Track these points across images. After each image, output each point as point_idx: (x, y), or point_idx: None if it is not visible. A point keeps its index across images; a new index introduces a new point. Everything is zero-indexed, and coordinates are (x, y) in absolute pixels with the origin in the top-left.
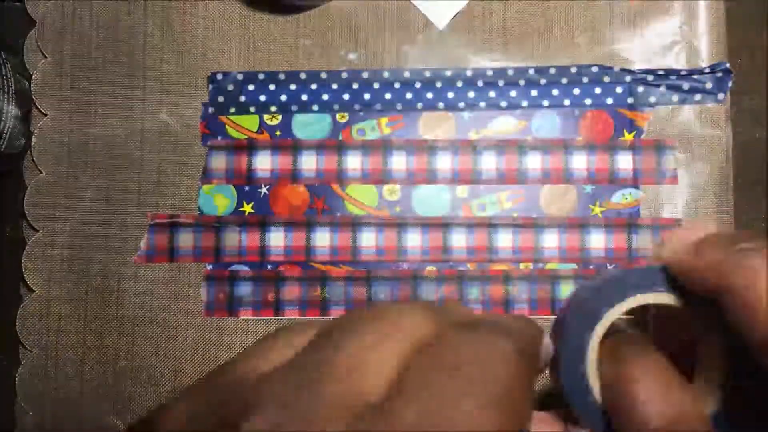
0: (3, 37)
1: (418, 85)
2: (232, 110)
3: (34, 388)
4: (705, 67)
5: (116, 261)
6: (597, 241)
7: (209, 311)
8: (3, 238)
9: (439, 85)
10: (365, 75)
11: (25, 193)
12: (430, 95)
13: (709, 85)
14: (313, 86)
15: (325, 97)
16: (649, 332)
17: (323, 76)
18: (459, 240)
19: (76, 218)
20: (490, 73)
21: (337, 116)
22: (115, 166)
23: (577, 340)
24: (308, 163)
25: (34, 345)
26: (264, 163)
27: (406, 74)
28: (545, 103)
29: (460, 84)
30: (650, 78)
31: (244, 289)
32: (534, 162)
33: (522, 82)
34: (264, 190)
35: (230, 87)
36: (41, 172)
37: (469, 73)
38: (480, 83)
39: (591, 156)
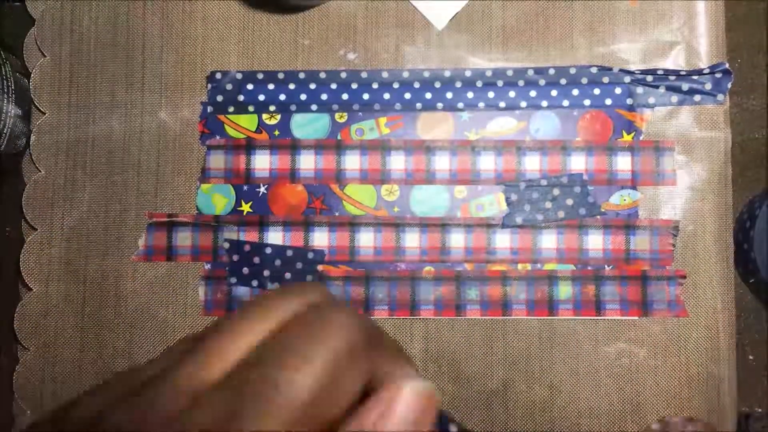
0: (3, 36)
1: (417, 85)
2: (231, 109)
3: (32, 387)
4: (704, 68)
5: (114, 260)
6: (595, 242)
7: (207, 310)
8: (3, 237)
9: (438, 85)
10: (364, 75)
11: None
12: (428, 95)
13: (708, 86)
14: (312, 86)
15: (324, 96)
16: None
17: (322, 75)
18: (457, 240)
19: (75, 217)
20: (489, 73)
21: (336, 116)
22: (113, 164)
23: None
24: (307, 162)
25: (31, 344)
26: (262, 162)
27: (405, 74)
28: (544, 103)
29: (459, 84)
30: (649, 79)
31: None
32: (532, 163)
33: (521, 83)
34: (262, 189)
35: (229, 86)
36: (40, 171)
37: (468, 74)
38: (479, 84)
39: (589, 157)
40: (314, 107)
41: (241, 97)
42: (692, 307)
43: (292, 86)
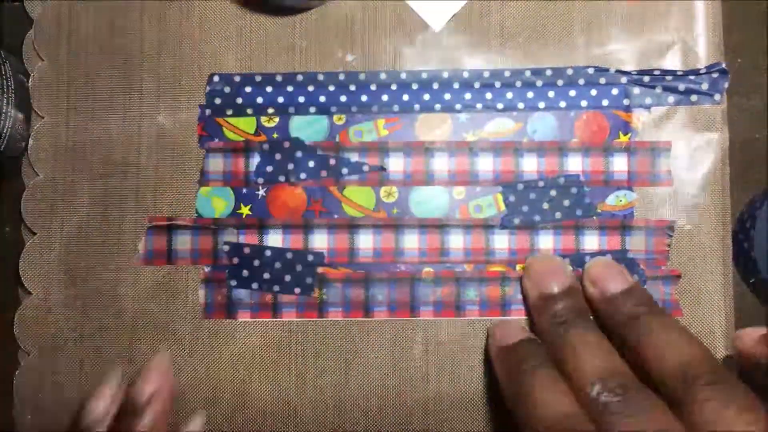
0: (3, 36)
1: (415, 86)
2: (230, 112)
3: (32, 391)
4: (701, 68)
5: (114, 263)
6: (591, 242)
7: (207, 314)
8: (3, 240)
9: (435, 86)
10: (362, 77)
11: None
12: (426, 97)
13: (705, 86)
14: (310, 88)
15: (322, 98)
16: None
17: (320, 77)
18: (456, 241)
19: (74, 221)
20: (486, 74)
21: (334, 118)
22: (112, 168)
23: None
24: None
25: (31, 347)
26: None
27: (403, 76)
28: (541, 104)
29: (456, 85)
30: (646, 79)
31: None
32: (530, 164)
33: (518, 84)
34: (262, 192)
35: (227, 89)
36: (38, 175)
37: (465, 75)
38: (476, 85)
39: (586, 158)
40: (312, 109)
41: (240, 100)
42: (690, 307)
43: (290, 88)
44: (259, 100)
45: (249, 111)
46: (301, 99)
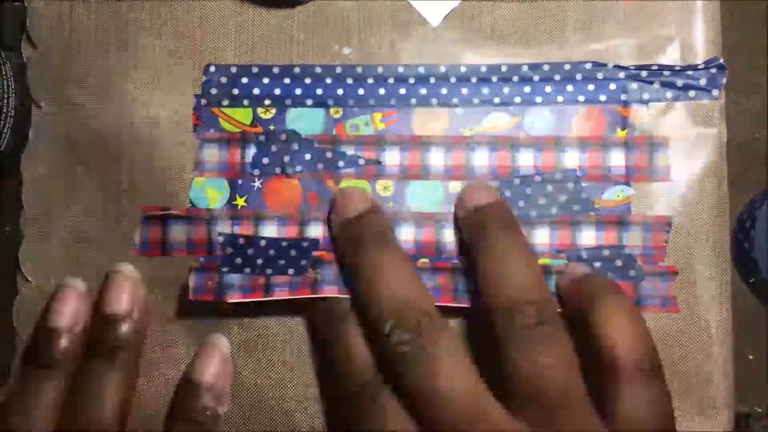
0: (3, 36)
1: (411, 80)
2: (225, 103)
3: None
4: (699, 64)
5: (112, 254)
6: (588, 238)
7: (196, 295)
8: (4, 239)
9: (432, 81)
10: (359, 70)
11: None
12: (423, 91)
13: (703, 82)
14: (307, 80)
15: (319, 91)
16: None
17: (317, 70)
18: (452, 235)
19: (72, 213)
20: (483, 69)
21: (331, 111)
22: (109, 159)
23: None
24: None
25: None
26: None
27: (400, 70)
28: (538, 99)
29: (453, 80)
30: (644, 74)
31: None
32: (526, 159)
33: (515, 79)
34: (257, 183)
35: (223, 79)
36: (37, 168)
37: (462, 69)
38: (474, 79)
39: (583, 153)
40: (309, 102)
41: (236, 91)
42: (686, 304)
43: (287, 80)
44: (256, 91)
45: (245, 102)
46: (298, 91)
